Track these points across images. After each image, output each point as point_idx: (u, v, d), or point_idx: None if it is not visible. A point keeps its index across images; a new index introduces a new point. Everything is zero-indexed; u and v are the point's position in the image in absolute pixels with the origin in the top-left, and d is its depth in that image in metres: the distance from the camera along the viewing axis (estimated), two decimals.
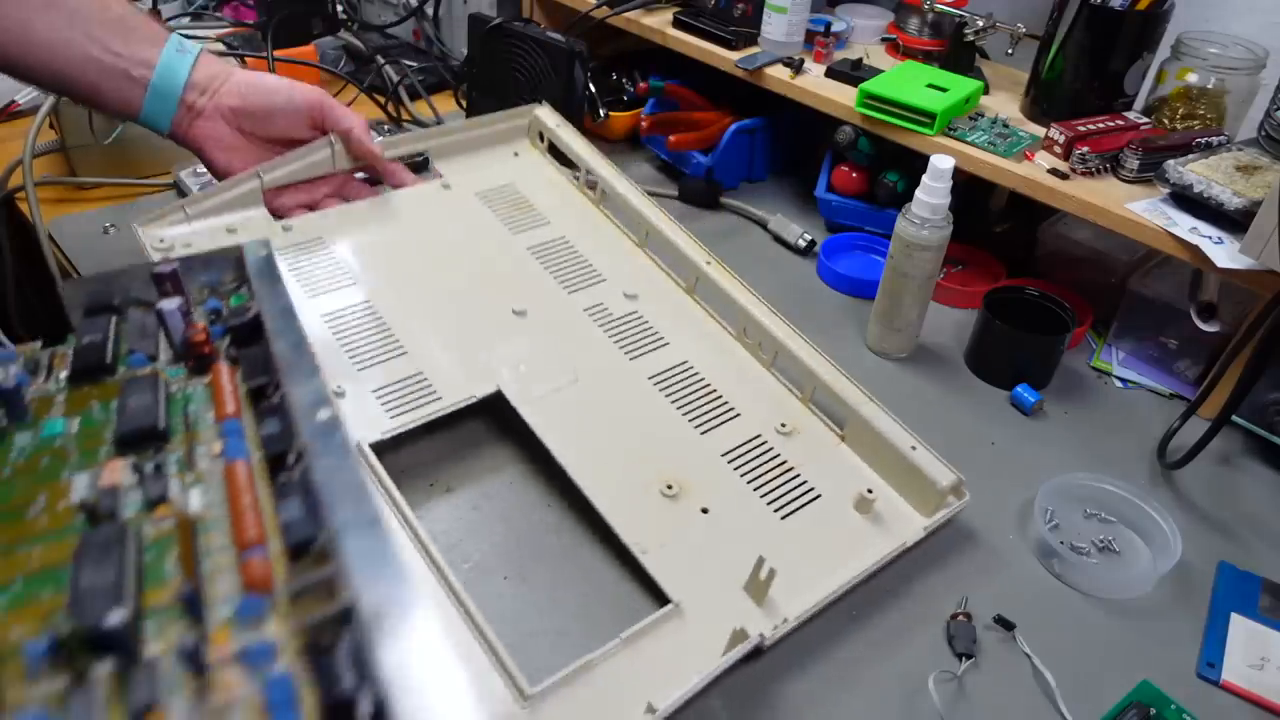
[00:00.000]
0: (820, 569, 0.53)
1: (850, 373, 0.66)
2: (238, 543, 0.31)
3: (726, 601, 0.51)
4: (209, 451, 0.37)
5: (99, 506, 0.33)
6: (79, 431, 0.38)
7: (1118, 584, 0.57)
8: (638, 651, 0.49)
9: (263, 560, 0.30)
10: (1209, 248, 0.65)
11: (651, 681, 0.46)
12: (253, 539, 0.31)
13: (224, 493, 0.34)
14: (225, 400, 0.39)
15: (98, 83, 0.61)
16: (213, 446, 0.37)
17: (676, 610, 0.51)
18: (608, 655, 0.48)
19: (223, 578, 0.31)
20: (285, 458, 0.35)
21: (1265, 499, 0.65)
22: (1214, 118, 0.76)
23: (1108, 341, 0.79)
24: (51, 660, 0.27)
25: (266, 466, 0.35)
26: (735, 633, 0.49)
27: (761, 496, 0.58)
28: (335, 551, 0.29)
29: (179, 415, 0.39)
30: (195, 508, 0.34)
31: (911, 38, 0.92)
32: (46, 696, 0.26)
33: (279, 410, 0.38)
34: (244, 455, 0.36)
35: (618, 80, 1.08)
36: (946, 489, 0.58)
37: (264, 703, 0.26)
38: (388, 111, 1.04)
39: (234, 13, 1.12)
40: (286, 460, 0.35)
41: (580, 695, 0.46)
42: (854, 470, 0.62)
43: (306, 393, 0.37)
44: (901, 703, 0.49)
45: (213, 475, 0.35)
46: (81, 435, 0.38)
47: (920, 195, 0.69)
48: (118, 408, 0.39)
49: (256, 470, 0.35)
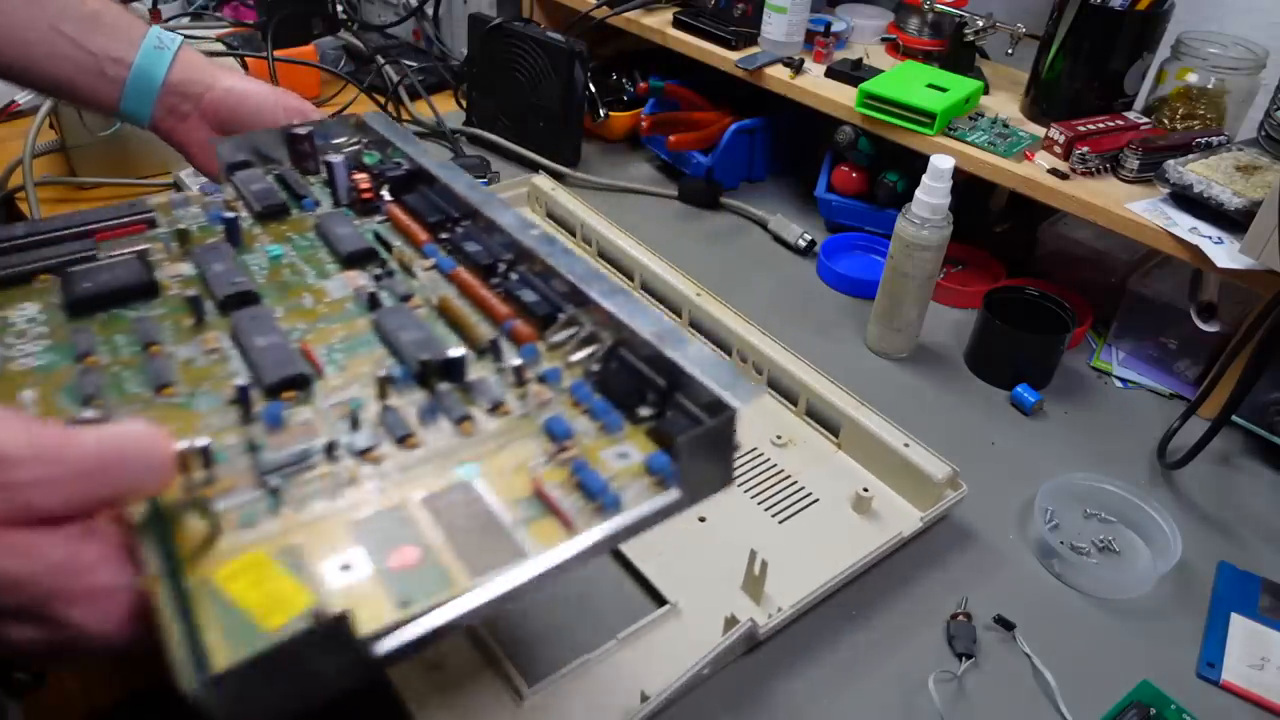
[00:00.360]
0: (816, 564, 0.54)
1: (850, 373, 0.66)
2: (495, 317, 0.43)
3: (723, 600, 0.52)
4: (421, 266, 0.48)
5: (371, 298, 0.45)
6: (299, 254, 0.49)
7: (1118, 584, 0.57)
8: (634, 649, 0.49)
9: (523, 323, 0.42)
10: (1209, 248, 0.65)
11: (647, 675, 0.47)
12: (505, 314, 0.43)
13: (454, 291, 0.46)
14: (416, 231, 0.51)
15: (73, 79, 0.60)
16: (422, 264, 0.48)
17: (674, 610, 0.51)
18: (605, 654, 0.48)
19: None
20: (495, 267, 0.46)
21: (1265, 499, 0.65)
22: (1214, 118, 0.76)
23: (1108, 341, 0.79)
24: (407, 384, 0.39)
25: (477, 273, 0.46)
26: (727, 619, 0.49)
27: (759, 504, 0.59)
28: (600, 307, 0.40)
29: (374, 243, 0.50)
30: (435, 300, 0.45)
31: (911, 38, 0.92)
32: (414, 401, 0.38)
33: (471, 236, 0.49)
34: (454, 266, 0.48)
35: (618, 80, 1.08)
36: (943, 482, 0.58)
37: (571, 400, 0.39)
38: (388, 111, 1.04)
39: (234, 13, 1.12)
40: (497, 268, 0.47)
41: (576, 691, 0.47)
42: (851, 473, 0.62)
43: (510, 219, 0.47)
44: (901, 703, 0.49)
45: (433, 282, 0.47)
46: (303, 256, 0.49)
47: (920, 195, 0.69)
48: (327, 236, 0.50)
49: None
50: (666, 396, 0.37)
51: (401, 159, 0.56)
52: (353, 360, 0.41)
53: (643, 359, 0.38)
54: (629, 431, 0.37)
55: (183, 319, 0.44)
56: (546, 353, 0.42)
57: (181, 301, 0.45)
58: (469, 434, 0.37)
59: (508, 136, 1.00)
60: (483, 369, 0.41)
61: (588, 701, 0.46)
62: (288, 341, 0.41)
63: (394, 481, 0.34)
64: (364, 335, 0.43)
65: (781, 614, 0.51)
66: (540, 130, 0.97)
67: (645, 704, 0.45)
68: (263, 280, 0.47)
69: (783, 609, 0.51)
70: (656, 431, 0.37)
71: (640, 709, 0.45)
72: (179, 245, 0.50)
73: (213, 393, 0.39)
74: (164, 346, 0.42)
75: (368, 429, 0.37)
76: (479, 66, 1.00)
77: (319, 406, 0.38)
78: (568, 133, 0.97)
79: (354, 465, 0.35)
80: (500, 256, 0.47)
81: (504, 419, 0.38)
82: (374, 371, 0.40)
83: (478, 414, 0.38)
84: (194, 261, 0.48)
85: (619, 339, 0.39)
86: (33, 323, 0.44)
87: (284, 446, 0.35)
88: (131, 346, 0.42)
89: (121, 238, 0.51)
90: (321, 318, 0.45)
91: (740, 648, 0.50)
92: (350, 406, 0.38)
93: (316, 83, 1.08)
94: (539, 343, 0.42)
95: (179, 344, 0.42)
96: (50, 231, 0.50)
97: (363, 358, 0.41)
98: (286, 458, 0.35)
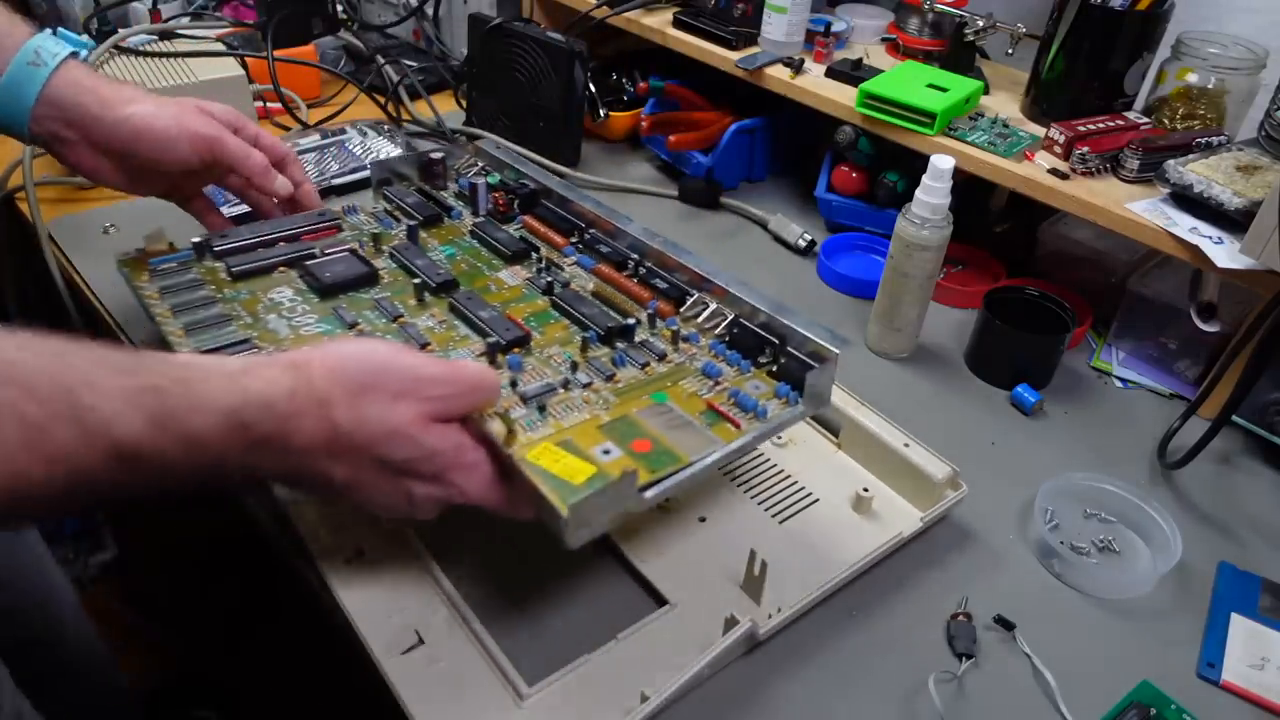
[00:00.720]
0: (817, 564, 0.54)
1: (850, 373, 0.66)
2: (639, 300, 0.60)
3: (723, 600, 0.51)
4: (565, 263, 0.65)
5: (548, 285, 0.61)
6: (465, 253, 0.66)
7: (1118, 584, 0.57)
8: (634, 650, 0.49)
9: (663, 303, 0.60)
10: (1209, 248, 0.65)
11: (647, 675, 0.47)
12: (647, 297, 0.60)
13: (598, 281, 0.63)
14: (554, 237, 0.67)
15: None
16: (565, 261, 0.65)
17: (674, 610, 0.51)
18: (605, 654, 0.48)
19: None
20: (626, 263, 0.64)
21: (1265, 499, 0.65)
22: (1214, 118, 0.76)
23: (1108, 341, 0.79)
24: (594, 344, 0.56)
25: (614, 268, 0.64)
26: (727, 619, 0.49)
27: (759, 504, 0.59)
28: (723, 288, 0.58)
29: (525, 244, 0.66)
30: (592, 286, 0.62)
31: (911, 38, 0.92)
32: (604, 354, 0.55)
33: (599, 240, 0.66)
34: (594, 263, 0.64)
35: (618, 80, 1.08)
36: (943, 482, 0.58)
37: (712, 353, 0.56)
38: (388, 111, 1.04)
39: (234, 12, 1.12)
40: (628, 264, 0.64)
41: (576, 692, 0.47)
42: (851, 473, 0.62)
43: (635, 228, 0.64)
44: (901, 703, 0.49)
45: (577, 275, 0.64)
46: (470, 254, 0.66)
47: (920, 195, 0.69)
48: (487, 239, 0.66)
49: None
50: (780, 348, 0.55)
51: (527, 180, 0.72)
52: (547, 327, 0.58)
53: (758, 325, 0.56)
54: (755, 372, 0.55)
55: (406, 299, 0.60)
56: (682, 323, 0.59)
57: (400, 286, 0.62)
58: (650, 375, 0.54)
59: (508, 136, 1.00)
60: (642, 333, 0.58)
61: (588, 701, 0.46)
62: (501, 314, 0.58)
63: (612, 404, 0.52)
64: (546, 311, 0.60)
65: (781, 614, 0.51)
66: (540, 130, 0.97)
67: (645, 704, 0.45)
68: (452, 272, 0.63)
69: (782, 609, 0.51)
70: (779, 371, 0.54)
71: (640, 709, 0.45)
72: (373, 245, 0.66)
73: (464, 349, 0.56)
74: (405, 318, 0.59)
75: (582, 372, 0.54)
76: (479, 66, 1.00)
77: (540, 357, 0.55)
78: (568, 133, 0.97)
79: (583, 393, 0.52)
80: (628, 256, 0.64)
81: (669, 365, 0.55)
82: (566, 335, 0.57)
83: (651, 362, 0.55)
84: (394, 257, 0.65)
85: (739, 311, 0.57)
86: (294, 301, 0.61)
87: (530, 382, 0.52)
88: (381, 319, 0.59)
89: (323, 238, 0.67)
90: (509, 300, 0.61)
91: (740, 648, 0.50)
92: (565, 357, 0.55)
93: (316, 82, 1.08)
94: (676, 316, 0.59)
95: (414, 317, 0.59)
96: (269, 234, 0.66)
97: (553, 325, 0.59)
98: (539, 388, 0.52)
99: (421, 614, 0.50)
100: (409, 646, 0.48)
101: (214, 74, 0.91)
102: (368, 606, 0.50)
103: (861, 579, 0.55)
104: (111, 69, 0.90)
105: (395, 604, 0.50)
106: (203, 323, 0.58)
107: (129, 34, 0.94)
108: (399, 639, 0.48)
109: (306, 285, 0.62)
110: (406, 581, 0.52)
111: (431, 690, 0.46)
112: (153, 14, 1.02)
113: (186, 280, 0.62)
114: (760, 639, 0.51)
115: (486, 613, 0.51)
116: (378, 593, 0.51)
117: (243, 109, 0.93)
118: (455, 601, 0.50)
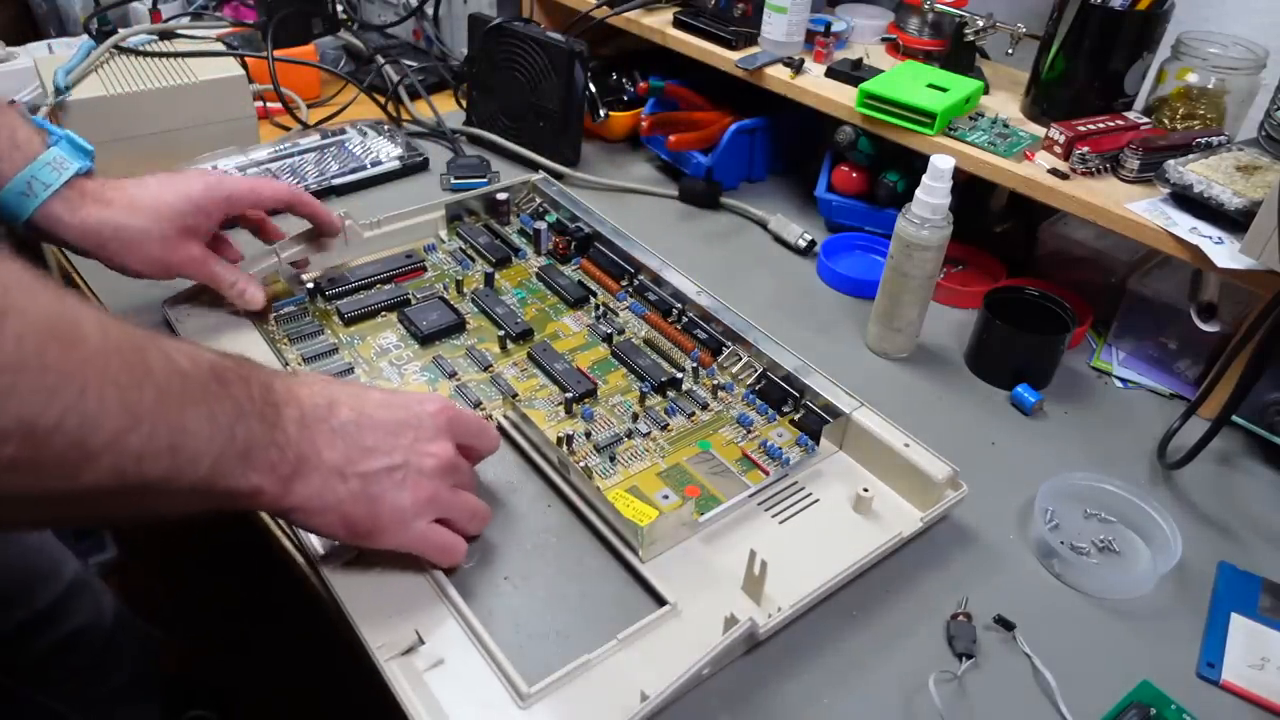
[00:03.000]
0: (816, 564, 0.53)
1: (850, 373, 0.66)
2: (684, 348, 0.70)
3: (723, 601, 0.51)
4: (618, 309, 0.75)
5: (607, 337, 0.71)
6: (538, 295, 0.76)
7: (1118, 584, 0.57)
8: (635, 650, 0.49)
9: (704, 352, 0.70)
10: (1209, 248, 0.65)
11: (647, 676, 0.47)
12: (690, 346, 0.70)
13: (647, 327, 0.73)
14: (609, 281, 0.77)
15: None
16: (619, 305, 0.75)
17: (674, 610, 0.51)
18: (605, 655, 0.48)
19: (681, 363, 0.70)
20: (670, 310, 0.73)
21: (1265, 499, 0.65)
22: (1214, 118, 0.76)
23: (1108, 341, 0.79)
24: (649, 394, 0.66)
25: (660, 316, 0.73)
26: (727, 619, 0.49)
27: (760, 505, 0.59)
28: (752, 344, 0.68)
29: (584, 290, 0.76)
30: (643, 334, 0.72)
31: (911, 38, 0.92)
32: (654, 405, 0.66)
33: (647, 286, 0.75)
34: (644, 310, 0.74)
35: (618, 80, 1.08)
36: (943, 483, 0.58)
37: (745, 403, 0.67)
38: (388, 111, 1.04)
39: (234, 12, 1.12)
40: (672, 311, 0.73)
41: (577, 692, 0.47)
42: (851, 473, 0.62)
43: (676, 276, 0.74)
44: (901, 703, 0.49)
45: (629, 321, 0.74)
46: (540, 298, 0.76)
47: (920, 195, 0.69)
48: (551, 283, 0.76)
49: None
50: (800, 400, 0.65)
51: (581, 223, 0.81)
52: (609, 375, 0.68)
53: (781, 378, 0.66)
54: (780, 420, 0.65)
55: (491, 346, 0.70)
56: (720, 372, 0.69)
57: (485, 333, 0.71)
58: (696, 423, 0.65)
59: (508, 136, 1.00)
60: (688, 382, 0.68)
61: (588, 701, 0.46)
62: (572, 365, 0.67)
63: (667, 452, 0.62)
64: (608, 360, 0.69)
65: (781, 614, 0.51)
66: (540, 130, 0.97)
67: (645, 703, 0.45)
68: (525, 317, 0.72)
69: (783, 609, 0.51)
70: (800, 421, 0.64)
71: (640, 708, 0.45)
72: (455, 289, 0.75)
73: (543, 399, 0.66)
74: (494, 367, 0.68)
75: (642, 421, 0.64)
76: (479, 66, 1.00)
77: (606, 405, 0.65)
78: (568, 133, 0.97)
79: (643, 441, 0.63)
80: (671, 305, 0.73)
81: (710, 414, 0.65)
82: (625, 384, 0.67)
83: (696, 411, 0.66)
84: (475, 302, 0.74)
85: (766, 365, 0.67)
86: (399, 348, 0.70)
87: (601, 432, 0.63)
88: (474, 368, 0.68)
89: (408, 280, 0.76)
90: (575, 347, 0.70)
91: (740, 648, 0.50)
92: (626, 406, 0.65)
93: (316, 82, 1.08)
94: (715, 365, 0.69)
95: (500, 365, 0.68)
96: (368, 278, 0.75)
97: (614, 373, 0.68)
98: (609, 438, 0.62)
99: (422, 614, 0.50)
100: (409, 647, 0.48)
101: (214, 74, 0.91)
102: (368, 606, 0.50)
103: (862, 579, 0.55)
104: (111, 69, 0.90)
105: (395, 604, 0.50)
106: (329, 371, 0.66)
107: (129, 34, 0.94)
108: (399, 639, 0.48)
109: (407, 331, 0.71)
110: (406, 581, 0.52)
111: (432, 690, 0.46)
112: (153, 14, 1.02)
113: (308, 325, 0.71)
114: (760, 638, 0.51)
115: (486, 613, 0.51)
116: (378, 592, 0.51)
117: (243, 109, 0.94)
118: (455, 601, 0.50)
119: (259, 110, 1.01)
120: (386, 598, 0.50)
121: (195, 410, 0.40)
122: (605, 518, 0.56)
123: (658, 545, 0.54)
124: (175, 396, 0.39)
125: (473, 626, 0.49)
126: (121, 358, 0.38)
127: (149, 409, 0.38)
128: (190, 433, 0.40)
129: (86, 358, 0.36)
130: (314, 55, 1.08)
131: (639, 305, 0.74)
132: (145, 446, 0.38)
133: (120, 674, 0.67)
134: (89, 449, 0.36)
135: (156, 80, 0.89)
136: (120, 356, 0.38)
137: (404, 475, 0.49)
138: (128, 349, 0.38)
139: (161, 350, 0.40)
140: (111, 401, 0.36)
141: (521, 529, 0.57)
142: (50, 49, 1.06)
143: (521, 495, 0.59)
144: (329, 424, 0.47)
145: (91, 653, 0.64)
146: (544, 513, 0.58)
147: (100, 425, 0.36)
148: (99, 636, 0.65)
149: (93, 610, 0.65)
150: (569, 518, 0.58)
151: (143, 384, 0.38)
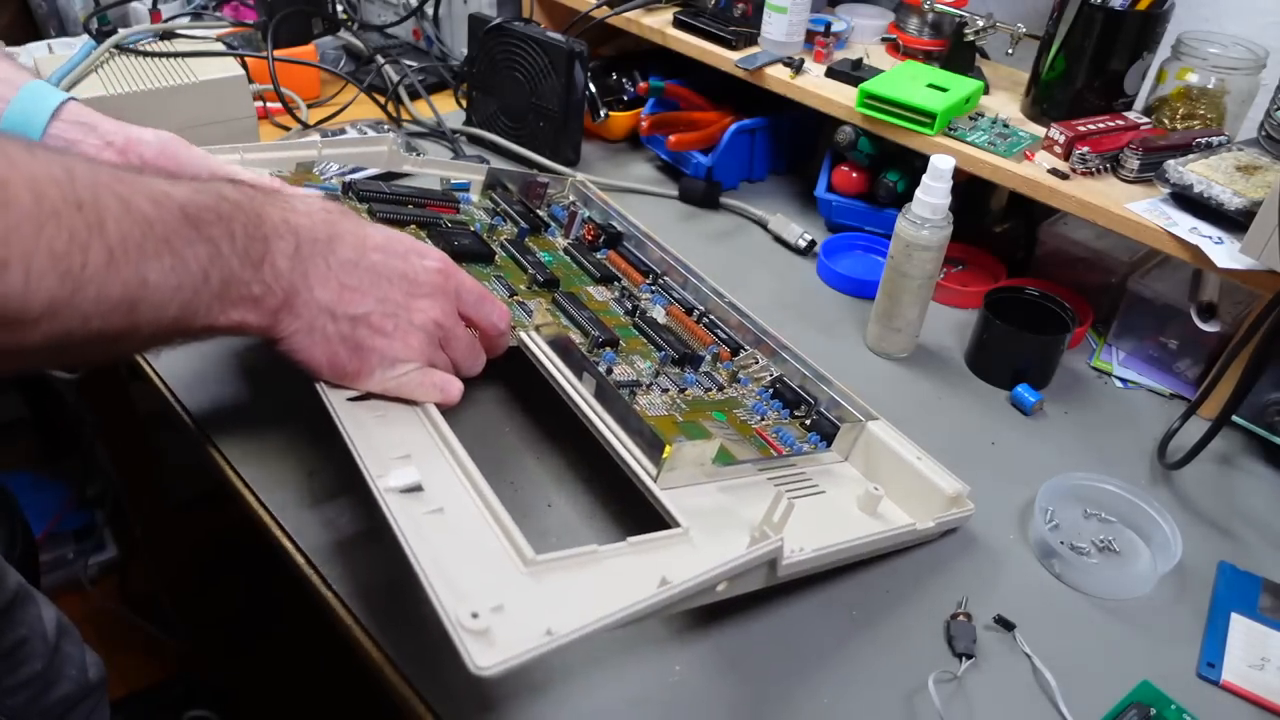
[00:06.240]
0: (832, 537, 0.51)
1: (850, 373, 0.66)
2: (703, 342, 0.70)
3: (738, 540, 0.48)
4: (640, 297, 0.73)
5: (634, 307, 0.71)
6: (565, 265, 0.75)
7: (1118, 584, 0.57)
8: (644, 558, 0.46)
9: (721, 347, 0.69)
10: (1209, 248, 0.65)
11: (660, 577, 0.42)
12: (710, 340, 0.70)
13: (668, 319, 0.72)
14: (634, 274, 0.76)
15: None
16: (644, 295, 0.74)
17: (685, 535, 0.48)
18: (614, 553, 0.45)
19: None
20: (693, 310, 0.72)
21: (1265, 499, 0.65)
22: (1214, 118, 0.76)
23: (1108, 341, 0.79)
24: (679, 365, 0.66)
25: (682, 311, 0.72)
26: (754, 535, 0.47)
27: (769, 479, 0.58)
28: (771, 348, 0.68)
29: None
30: (663, 319, 0.71)
31: (911, 38, 0.92)
32: (673, 375, 0.65)
33: (673, 285, 0.75)
34: (666, 303, 0.73)
35: (618, 80, 1.08)
36: (952, 499, 0.57)
37: (760, 399, 0.65)
38: (388, 111, 1.04)
39: (234, 12, 1.12)
40: (694, 310, 0.72)
41: (584, 576, 0.43)
42: (860, 483, 0.61)
43: (705, 281, 0.73)
44: (901, 703, 0.49)
45: (651, 308, 0.72)
46: (565, 264, 0.75)
47: (920, 195, 0.69)
48: (579, 259, 0.75)
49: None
50: (814, 407, 0.64)
51: (614, 223, 0.80)
52: (630, 340, 0.67)
53: (798, 385, 0.66)
54: (792, 421, 0.64)
55: (519, 283, 0.69)
56: (738, 368, 0.68)
57: (511, 271, 0.71)
58: (712, 397, 0.64)
59: (508, 136, 1.00)
60: (707, 367, 0.67)
61: (593, 587, 0.42)
62: (597, 315, 0.67)
63: (684, 410, 0.61)
64: (629, 328, 0.69)
65: (804, 554, 0.48)
66: (540, 130, 0.97)
67: (665, 589, 0.41)
68: (554, 274, 0.71)
69: (804, 548, 0.48)
70: (812, 425, 0.64)
71: (658, 594, 0.40)
72: (488, 233, 0.75)
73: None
74: (519, 296, 0.68)
75: (662, 379, 0.63)
76: (479, 66, 1.00)
77: (627, 359, 0.65)
78: (568, 133, 0.97)
79: (663, 396, 0.62)
80: (694, 306, 0.73)
81: (725, 395, 0.65)
82: (646, 350, 0.66)
83: (713, 389, 0.65)
84: (505, 249, 0.74)
85: (783, 370, 0.67)
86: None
87: (621, 376, 0.62)
88: (502, 291, 0.68)
89: (442, 213, 0.75)
90: (599, 310, 0.69)
91: (760, 575, 0.47)
92: (646, 366, 0.64)
93: (316, 82, 1.08)
94: (733, 361, 0.69)
95: (526, 299, 0.68)
96: (401, 195, 0.74)
97: (635, 340, 0.68)
98: (628, 380, 0.62)
99: (426, 464, 0.46)
100: (410, 485, 0.44)
101: (214, 74, 0.91)
102: (372, 442, 0.47)
103: (862, 579, 0.55)
104: (111, 69, 0.90)
105: (399, 448, 0.47)
106: None
107: (129, 34, 0.94)
108: (401, 478, 0.45)
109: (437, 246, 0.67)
110: (413, 432, 0.49)
111: (429, 533, 0.42)
112: (153, 14, 1.02)
113: None
114: (780, 574, 0.47)
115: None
116: (384, 437, 0.48)
117: (243, 109, 0.94)
118: (461, 459, 0.48)
119: (259, 110, 1.01)
120: (393, 443, 0.47)
121: (158, 262, 0.38)
122: (625, 442, 0.54)
123: (676, 474, 0.52)
124: (133, 250, 0.37)
125: (480, 489, 0.45)
126: (59, 221, 0.34)
127: (96, 271, 0.36)
128: (152, 285, 0.38)
129: (11, 226, 0.33)
130: (314, 55, 1.07)
131: (662, 298, 0.74)
132: (93, 308, 0.36)
133: (67, 683, 0.66)
134: (24, 318, 0.34)
135: (156, 80, 0.89)
136: (57, 221, 0.34)
137: (394, 325, 0.48)
138: (68, 208, 0.35)
139: (120, 197, 0.37)
140: (43, 272, 0.34)
141: (536, 452, 0.60)
142: (50, 49, 1.06)
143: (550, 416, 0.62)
144: (326, 260, 0.46)
145: (40, 662, 0.64)
146: (559, 452, 0.62)
147: (31, 298, 0.34)
148: (45, 647, 0.64)
149: (36, 620, 0.64)
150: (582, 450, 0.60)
151: (88, 246, 0.35)
